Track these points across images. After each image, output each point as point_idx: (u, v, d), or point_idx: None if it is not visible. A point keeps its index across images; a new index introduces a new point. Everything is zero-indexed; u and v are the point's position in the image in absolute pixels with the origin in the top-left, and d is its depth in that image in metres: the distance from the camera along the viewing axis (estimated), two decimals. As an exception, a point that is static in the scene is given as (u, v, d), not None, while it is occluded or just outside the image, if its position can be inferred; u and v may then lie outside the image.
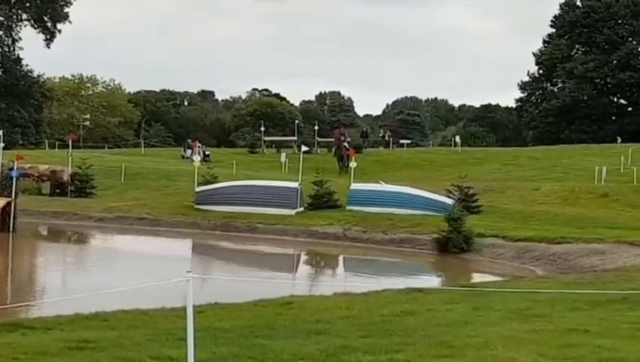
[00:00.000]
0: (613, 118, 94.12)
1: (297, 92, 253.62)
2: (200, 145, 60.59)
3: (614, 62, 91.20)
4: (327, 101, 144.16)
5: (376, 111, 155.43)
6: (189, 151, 59.38)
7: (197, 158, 39.69)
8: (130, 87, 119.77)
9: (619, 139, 69.31)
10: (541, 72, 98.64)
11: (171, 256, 25.11)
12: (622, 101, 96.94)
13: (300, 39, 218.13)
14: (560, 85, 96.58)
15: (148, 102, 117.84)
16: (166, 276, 8.22)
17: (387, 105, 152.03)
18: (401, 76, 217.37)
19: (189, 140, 64.49)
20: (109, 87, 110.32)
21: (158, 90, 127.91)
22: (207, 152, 58.56)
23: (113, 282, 17.35)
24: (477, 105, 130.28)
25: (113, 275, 20.42)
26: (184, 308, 7.23)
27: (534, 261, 24.86)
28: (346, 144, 50.14)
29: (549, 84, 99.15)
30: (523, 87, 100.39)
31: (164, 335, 10.05)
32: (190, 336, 6.85)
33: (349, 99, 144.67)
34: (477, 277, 23.39)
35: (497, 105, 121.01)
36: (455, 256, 26.33)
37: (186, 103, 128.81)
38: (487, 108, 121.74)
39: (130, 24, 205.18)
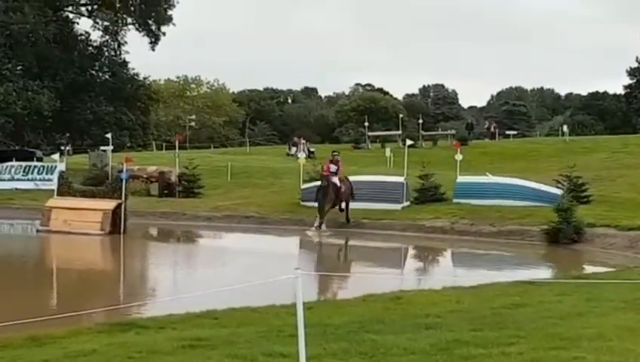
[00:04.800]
0: None
1: (400, 85, 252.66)
2: (304, 142, 60.92)
3: None
4: (431, 94, 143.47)
5: (481, 102, 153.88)
6: (293, 149, 59.83)
7: (302, 155, 39.92)
8: (234, 87, 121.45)
9: None
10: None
11: (279, 253, 25.32)
12: None
13: (401, 32, 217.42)
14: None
15: (252, 101, 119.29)
16: (275, 273, 8.27)
17: (492, 96, 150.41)
18: (505, 66, 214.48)
19: (294, 138, 64.92)
20: (214, 88, 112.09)
21: (261, 88, 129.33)
22: (311, 149, 58.86)
23: (223, 280, 17.57)
24: (584, 93, 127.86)
25: (222, 274, 20.67)
26: (294, 305, 7.27)
27: (649, 250, 24.26)
28: (336, 180, 30.92)
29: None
30: (632, 73, 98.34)
31: (275, 332, 10.13)
32: (301, 333, 6.88)
33: (454, 91, 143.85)
34: (589, 268, 22.94)
35: (605, 93, 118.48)
36: (565, 247, 25.90)
37: (289, 101, 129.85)
38: (594, 95, 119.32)
39: (229, 23, 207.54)
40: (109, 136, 41.48)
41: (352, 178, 33.99)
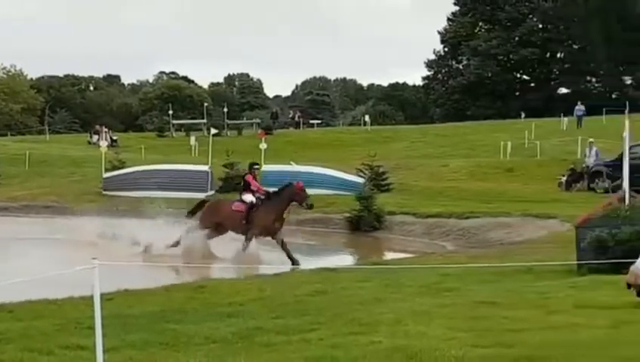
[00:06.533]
0: (517, 93, 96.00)
1: (205, 74, 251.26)
2: (107, 130, 59.79)
3: (516, 39, 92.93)
4: (237, 83, 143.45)
5: (286, 92, 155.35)
6: (95, 137, 58.57)
7: (104, 144, 39.18)
8: (33, 73, 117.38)
9: (522, 115, 70.69)
10: (446, 49, 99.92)
11: (79, 243, 24.67)
12: (524, 77, 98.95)
13: (206, 20, 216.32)
14: (465, 63, 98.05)
15: (52, 88, 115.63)
16: (74, 264, 8.05)
17: (296, 86, 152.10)
18: (309, 56, 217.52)
19: (96, 126, 63.58)
20: (10, 73, 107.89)
21: (61, 75, 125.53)
22: (114, 137, 57.85)
23: (19, 272, 16.95)
24: (385, 84, 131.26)
25: (19, 265, 19.94)
26: (92, 296, 7.11)
27: (444, 236, 25.22)
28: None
29: (454, 62, 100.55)
30: (429, 65, 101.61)
31: (73, 324, 9.91)
32: (98, 324, 6.73)
33: (259, 80, 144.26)
34: (388, 255, 23.59)
35: (405, 84, 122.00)
36: (367, 234, 26.54)
37: (91, 88, 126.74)
38: (394, 86, 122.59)
39: (29, 9, 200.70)
40: None
41: (155, 167, 33.66)
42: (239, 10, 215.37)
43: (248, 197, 23.13)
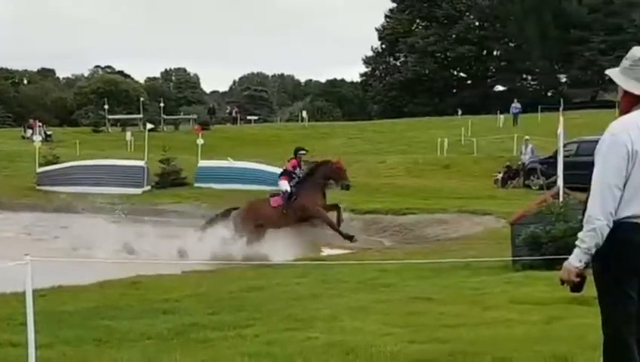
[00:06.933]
0: (454, 90, 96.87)
1: (142, 69, 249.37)
2: (41, 124, 58.98)
3: (453, 36, 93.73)
4: (173, 78, 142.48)
5: (224, 87, 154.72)
6: (29, 132, 57.79)
7: (37, 138, 38.67)
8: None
9: (459, 112, 71.37)
10: (384, 46, 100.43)
11: (12, 238, 24.32)
12: (461, 74, 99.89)
13: (143, 14, 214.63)
14: (402, 59, 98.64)
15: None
16: (7, 259, 7.93)
17: (234, 82, 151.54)
18: (247, 51, 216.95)
19: (30, 120, 62.69)
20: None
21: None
22: (48, 132, 57.14)
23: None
24: (323, 80, 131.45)
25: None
26: (25, 292, 7.00)
27: (381, 232, 25.32)
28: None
29: (392, 59, 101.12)
30: (367, 61, 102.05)
31: (5, 321, 9.75)
32: (30, 321, 6.62)
33: (195, 75, 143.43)
34: (326, 251, 23.58)
35: (343, 80, 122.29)
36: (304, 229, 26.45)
37: (25, 82, 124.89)
38: (332, 83, 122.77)
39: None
40: None
41: (90, 162, 33.31)
42: (175, 6, 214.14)
43: (284, 185, 22.24)
